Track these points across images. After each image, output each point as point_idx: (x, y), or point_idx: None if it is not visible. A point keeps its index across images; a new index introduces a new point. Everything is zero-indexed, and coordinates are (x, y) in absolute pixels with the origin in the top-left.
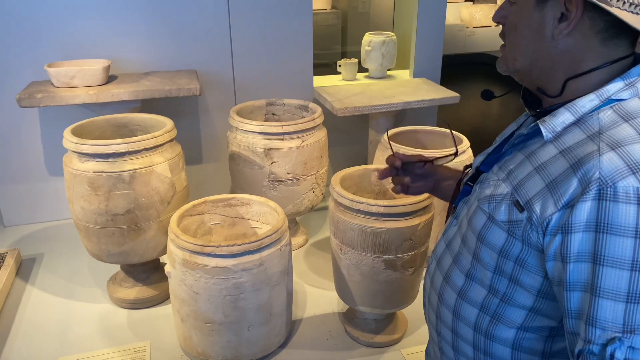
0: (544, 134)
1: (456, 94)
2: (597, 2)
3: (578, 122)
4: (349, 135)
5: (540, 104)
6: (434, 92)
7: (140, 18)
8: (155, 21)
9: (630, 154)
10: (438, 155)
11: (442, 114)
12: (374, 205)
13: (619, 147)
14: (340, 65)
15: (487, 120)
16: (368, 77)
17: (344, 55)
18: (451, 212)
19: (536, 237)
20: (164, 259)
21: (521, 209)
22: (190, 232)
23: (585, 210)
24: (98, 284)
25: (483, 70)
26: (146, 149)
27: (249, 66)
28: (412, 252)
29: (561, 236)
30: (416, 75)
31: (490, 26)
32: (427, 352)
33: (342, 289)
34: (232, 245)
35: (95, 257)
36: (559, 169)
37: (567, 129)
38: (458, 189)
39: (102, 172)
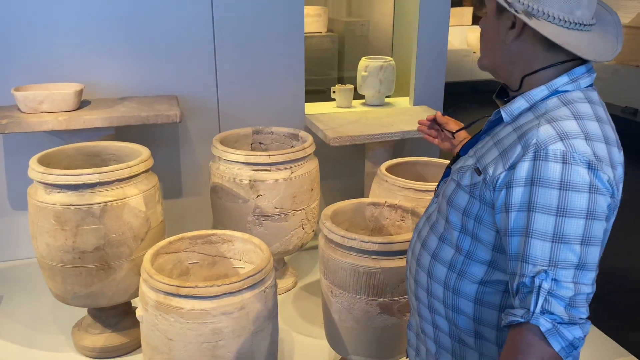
0: (504, 116)
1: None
2: (524, 18)
3: (531, 107)
4: (343, 166)
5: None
6: None
7: (116, 39)
8: (133, 42)
9: (561, 126)
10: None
11: None
12: (367, 242)
13: (554, 121)
14: (334, 92)
15: None
16: (364, 104)
17: (340, 81)
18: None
19: (489, 195)
20: (136, 302)
21: (479, 173)
22: (165, 272)
23: (524, 168)
24: (62, 330)
25: (491, 99)
26: (119, 180)
27: (234, 91)
28: None
29: (505, 190)
30: (416, 102)
31: None
32: (409, 325)
33: (333, 336)
34: (211, 286)
35: (59, 300)
36: (510, 141)
37: (522, 113)
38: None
39: (70, 204)
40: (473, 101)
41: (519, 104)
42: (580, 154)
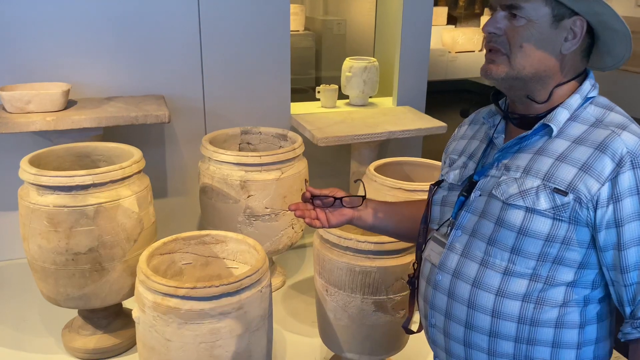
0: (554, 130)
1: (443, 124)
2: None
3: (571, 117)
4: (329, 166)
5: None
6: (420, 122)
7: (102, 38)
8: (119, 42)
9: (634, 131)
10: (347, 195)
11: (427, 144)
12: (363, 242)
13: (624, 128)
14: (319, 92)
15: None
16: (348, 104)
17: (318, 80)
18: (426, 230)
19: (586, 213)
20: (126, 303)
21: (564, 193)
22: (159, 272)
23: (626, 179)
24: (51, 332)
25: (466, 98)
26: (112, 181)
27: (221, 91)
28: (404, 293)
29: (613, 205)
30: (400, 103)
31: (474, 51)
32: None
33: (327, 334)
34: (209, 287)
35: (51, 302)
36: (583, 154)
37: (564, 124)
38: (428, 208)
39: (64, 206)
40: (447, 100)
41: (563, 115)
42: None
